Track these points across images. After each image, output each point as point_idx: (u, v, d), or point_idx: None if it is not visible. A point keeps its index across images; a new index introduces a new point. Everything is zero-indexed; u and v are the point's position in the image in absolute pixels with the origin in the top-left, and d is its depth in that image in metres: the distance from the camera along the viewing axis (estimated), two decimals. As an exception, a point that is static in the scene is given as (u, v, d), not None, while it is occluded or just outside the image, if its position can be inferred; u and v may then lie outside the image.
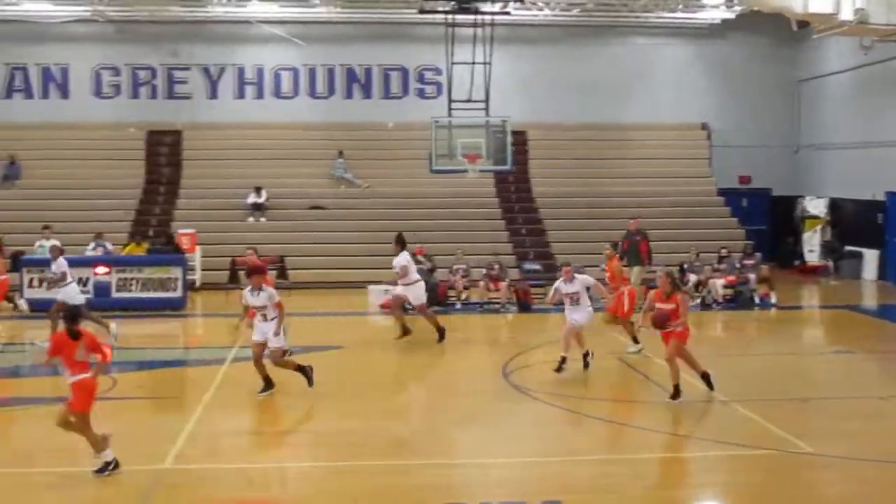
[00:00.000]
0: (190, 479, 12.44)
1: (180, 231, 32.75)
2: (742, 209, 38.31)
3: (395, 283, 22.72)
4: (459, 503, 10.99)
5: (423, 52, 37.53)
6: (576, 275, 18.86)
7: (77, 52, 38.51)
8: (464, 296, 28.81)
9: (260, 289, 16.74)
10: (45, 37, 37.86)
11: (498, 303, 28.11)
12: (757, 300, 28.70)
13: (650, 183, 37.89)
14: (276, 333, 16.88)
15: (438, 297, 28.28)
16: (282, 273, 32.62)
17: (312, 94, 39.43)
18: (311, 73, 39.37)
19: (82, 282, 27.51)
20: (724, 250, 30.10)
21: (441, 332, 22.30)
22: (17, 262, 28.39)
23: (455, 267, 29.24)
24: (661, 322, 16.54)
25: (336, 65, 39.30)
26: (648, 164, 38.76)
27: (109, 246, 30.51)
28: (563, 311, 19.20)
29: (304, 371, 17.12)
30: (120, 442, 13.78)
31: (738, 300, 28.69)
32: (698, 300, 28.43)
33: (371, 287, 28.89)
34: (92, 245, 30.02)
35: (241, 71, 39.25)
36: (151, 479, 11.94)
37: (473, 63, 30.94)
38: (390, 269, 22.78)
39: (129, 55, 38.69)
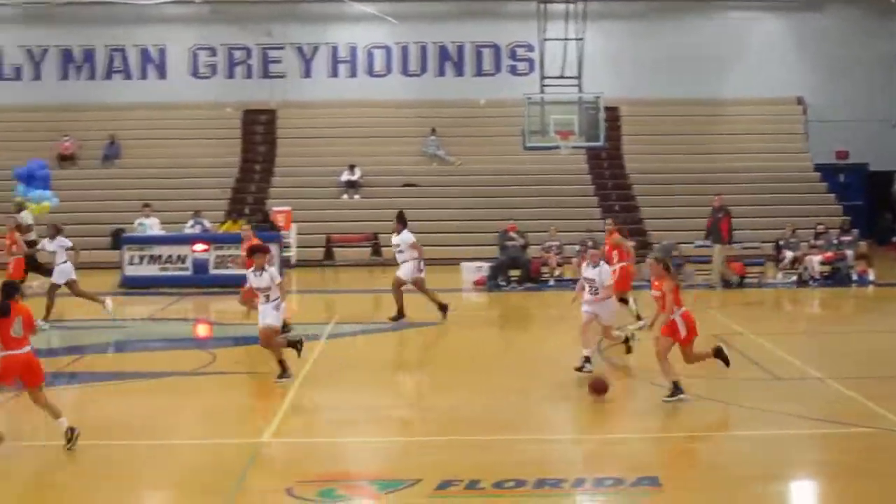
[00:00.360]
0: (287, 452, 12.64)
1: (276, 209, 33.19)
2: (839, 185, 37.77)
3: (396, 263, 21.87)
4: (555, 478, 11.02)
5: (515, 28, 37.55)
6: (602, 262, 16.93)
7: (174, 33, 39.16)
8: (557, 272, 28.75)
9: (262, 269, 16.08)
10: (142, 18, 38.54)
11: (591, 279, 27.97)
12: (854, 277, 28.30)
13: (745, 158, 37.53)
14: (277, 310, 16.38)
15: (531, 274, 28.30)
16: (375, 250, 32.90)
17: (405, 72, 39.60)
18: (404, 51, 39.53)
19: (181, 259, 28.10)
20: (820, 226, 29.71)
21: (400, 314, 21.35)
22: (118, 240, 28.96)
23: (548, 244, 29.19)
24: (599, 389, 14.60)
25: (428, 42, 39.42)
26: (743, 139, 38.39)
27: (207, 224, 31.02)
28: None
29: (295, 345, 16.48)
30: (218, 416, 14.10)
31: (835, 277, 28.33)
32: (794, 277, 28.19)
33: (464, 264, 28.95)
34: (190, 223, 30.57)
35: (334, 50, 39.56)
36: (249, 453, 12.14)
37: (566, 39, 30.91)
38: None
39: (225, 35, 39.23)
